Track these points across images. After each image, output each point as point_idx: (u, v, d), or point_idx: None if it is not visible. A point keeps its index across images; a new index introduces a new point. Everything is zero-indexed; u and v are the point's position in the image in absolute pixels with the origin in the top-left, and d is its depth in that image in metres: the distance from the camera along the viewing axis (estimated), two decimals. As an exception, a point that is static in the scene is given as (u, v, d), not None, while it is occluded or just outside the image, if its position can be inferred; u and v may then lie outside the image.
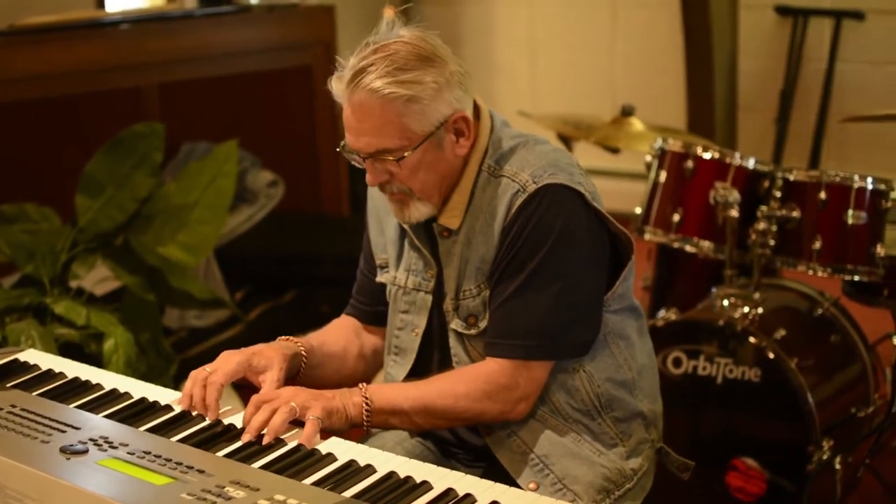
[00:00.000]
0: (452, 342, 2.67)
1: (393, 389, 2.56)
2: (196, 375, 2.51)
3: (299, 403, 2.37)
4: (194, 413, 2.44)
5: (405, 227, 2.71)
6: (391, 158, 2.51)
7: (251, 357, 2.56)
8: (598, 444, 2.65)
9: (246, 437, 2.30)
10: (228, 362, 2.54)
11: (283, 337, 2.72)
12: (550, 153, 2.62)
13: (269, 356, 2.58)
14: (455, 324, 2.65)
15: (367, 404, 2.48)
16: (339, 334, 2.90)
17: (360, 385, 2.52)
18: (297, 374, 2.68)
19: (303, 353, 2.69)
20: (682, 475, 2.81)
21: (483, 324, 2.61)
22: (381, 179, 2.56)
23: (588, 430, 2.65)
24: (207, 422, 2.39)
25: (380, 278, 2.83)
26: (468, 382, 2.56)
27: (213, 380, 2.48)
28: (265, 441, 2.28)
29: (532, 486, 2.61)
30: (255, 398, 2.39)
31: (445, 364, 2.69)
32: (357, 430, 2.46)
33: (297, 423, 2.36)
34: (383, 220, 2.81)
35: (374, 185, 2.58)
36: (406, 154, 2.50)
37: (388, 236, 2.80)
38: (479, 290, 2.61)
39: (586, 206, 2.58)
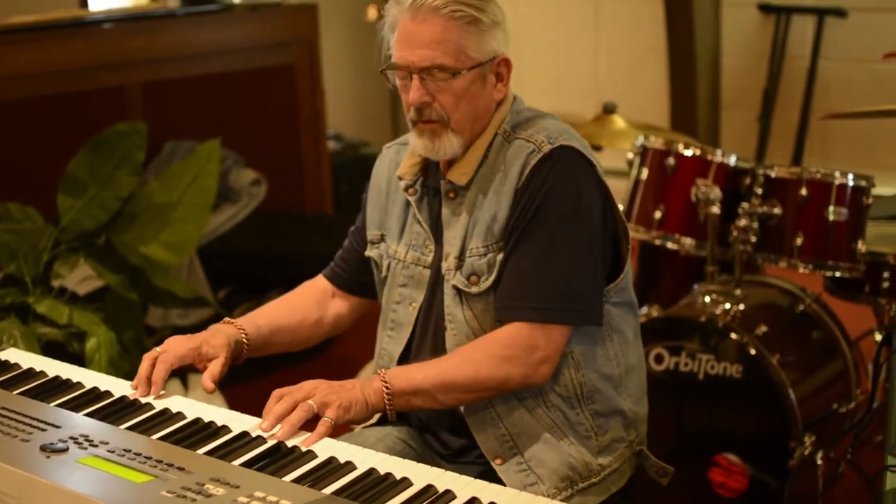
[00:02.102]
0: (448, 301, 2.66)
1: (411, 370, 2.56)
2: (147, 355, 2.59)
3: (318, 401, 2.38)
4: (143, 399, 2.50)
5: (410, 199, 2.73)
6: (442, 76, 2.55)
7: (201, 345, 2.65)
8: (571, 433, 2.65)
9: (265, 426, 2.31)
10: (180, 346, 2.62)
11: (227, 319, 2.79)
12: (565, 126, 2.67)
13: (217, 346, 2.66)
14: (456, 280, 2.64)
15: (386, 388, 2.49)
16: (297, 305, 2.95)
17: (379, 371, 2.53)
18: (240, 356, 2.75)
19: (244, 340, 2.75)
20: (661, 480, 2.80)
21: (485, 284, 2.61)
22: (425, 99, 2.58)
23: (565, 418, 2.64)
24: (188, 419, 2.39)
25: (369, 252, 2.86)
26: (486, 349, 2.55)
27: (162, 358, 2.57)
28: (279, 436, 2.29)
29: (498, 461, 2.62)
30: (277, 391, 2.40)
31: (439, 334, 2.69)
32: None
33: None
34: (390, 196, 2.82)
35: (417, 103, 2.59)
36: (462, 72, 2.55)
37: (391, 212, 2.81)
38: (487, 249, 2.61)
39: (597, 176, 2.61)
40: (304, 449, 2.26)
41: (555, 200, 2.55)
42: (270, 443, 2.29)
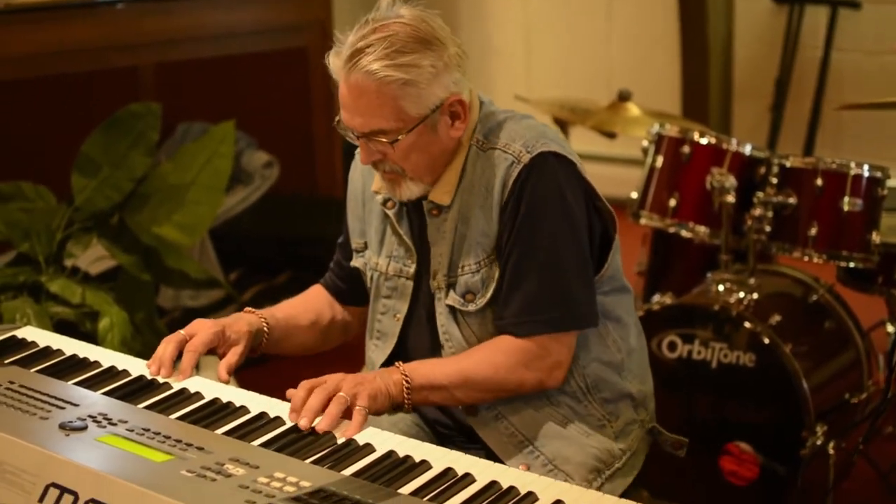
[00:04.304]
0: (443, 320, 2.66)
1: (430, 365, 2.57)
2: (171, 337, 2.57)
3: (348, 392, 2.35)
4: (161, 379, 2.49)
5: (388, 213, 2.71)
6: (385, 140, 2.51)
7: (225, 329, 2.62)
8: (584, 425, 2.66)
9: (304, 423, 2.27)
10: (206, 332, 2.59)
11: (249, 309, 2.77)
12: (538, 125, 2.64)
13: (239, 331, 2.65)
14: (451, 299, 2.64)
15: (407, 382, 2.48)
16: (312, 306, 2.93)
17: (397, 363, 2.53)
18: (259, 345, 2.73)
19: (265, 329, 2.73)
20: (678, 452, 2.80)
21: (482, 301, 2.61)
22: (374, 158, 2.57)
23: (574, 412, 2.66)
24: (206, 399, 2.39)
25: (354, 262, 2.85)
26: (504, 353, 2.56)
27: (191, 347, 2.55)
28: (320, 429, 2.26)
29: (522, 467, 2.60)
30: (305, 383, 2.37)
31: (436, 346, 2.69)
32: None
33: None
34: (366, 205, 2.81)
35: (367, 163, 2.59)
36: (400, 136, 2.50)
37: (369, 222, 2.79)
38: (479, 266, 2.61)
39: (578, 176, 2.60)
40: (340, 438, 2.25)
41: (540, 211, 2.55)
42: (289, 424, 2.28)
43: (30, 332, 2.76)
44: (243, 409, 2.34)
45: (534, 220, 2.55)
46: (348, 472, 2.08)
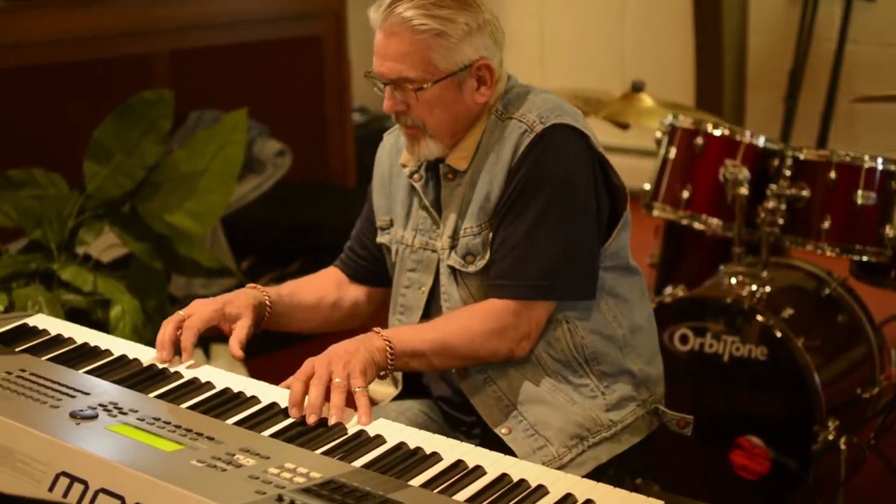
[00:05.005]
0: (444, 279, 2.69)
1: (410, 332, 2.58)
2: (169, 319, 2.59)
3: (342, 375, 2.34)
4: (171, 368, 2.50)
5: (415, 185, 2.74)
6: (410, 88, 2.57)
7: (224, 306, 2.65)
8: (575, 393, 2.66)
9: (312, 420, 2.26)
10: (204, 309, 2.62)
11: (251, 285, 2.79)
12: (556, 99, 2.69)
13: (240, 305, 2.67)
14: (452, 260, 2.67)
15: (390, 348, 2.49)
16: (317, 285, 2.95)
17: (375, 329, 2.53)
18: (262, 321, 2.74)
19: (267, 303, 2.75)
20: (683, 431, 2.79)
21: (481, 263, 2.64)
22: (398, 109, 2.62)
23: (566, 381, 2.66)
24: (216, 389, 2.39)
25: (380, 239, 2.87)
26: (480, 321, 2.58)
27: (189, 324, 2.57)
28: (332, 422, 2.25)
29: (504, 430, 2.63)
30: (296, 376, 2.35)
31: (437, 313, 2.71)
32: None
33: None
34: (393, 182, 2.84)
35: (391, 112, 2.64)
36: (425, 86, 2.57)
37: (396, 198, 2.82)
38: (481, 228, 2.64)
39: (590, 150, 2.62)
40: (351, 429, 2.24)
41: (544, 180, 2.58)
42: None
43: (41, 320, 2.76)
44: (254, 399, 2.34)
45: (532, 189, 2.58)
46: (359, 463, 2.08)
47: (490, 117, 2.66)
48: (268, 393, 2.37)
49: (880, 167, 3.72)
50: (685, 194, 4.01)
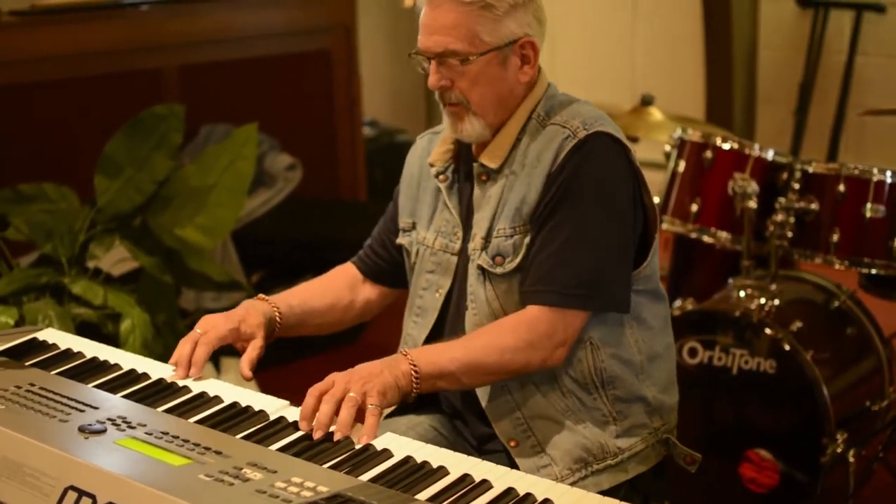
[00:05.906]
0: (472, 280, 2.68)
1: (436, 352, 2.55)
2: (187, 337, 2.61)
3: (357, 391, 2.34)
4: (180, 382, 2.51)
5: (441, 186, 2.75)
6: (456, 60, 2.58)
7: (239, 324, 2.66)
8: (587, 418, 2.65)
9: (318, 435, 2.26)
10: (219, 327, 2.63)
11: (262, 296, 2.81)
12: (599, 111, 2.68)
13: (254, 325, 2.68)
14: (482, 259, 2.65)
15: (415, 372, 2.47)
16: (329, 288, 2.96)
17: (403, 350, 2.52)
18: (272, 335, 2.76)
19: (278, 319, 2.77)
20: (689, 468, 2.78)
21: (510, 265, 2.62)
22: (443, 83, 2.62)
23: (581, 403, 2.64)
24: (225, 403, 2.39)
25: (401, 240, 2.87)
26: (512, 333, 2.55)
27: (205, 340, 2.59)
28: (336, 437, 2.26)
29: (512, 444, 2.63)
30: (312, 390, 2.35)
31: (460, 315, 2.70)
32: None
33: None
34: (421, 185, 2.84)
35: (435, 88, 2.64)
36: (471, 58, 2.57)
37: (422, 200, 2.82)
38: (514, 231, 2.62)
39: (630, 164, 2.62)
40: (357, 444, 2.24)
41: (585, 186, 2.57)
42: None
43: (50, 335, 2.77)
44: (262, 414, 2.35)
45: (573, 194, 2.56)
46: (365, 477, 2.09)
47: (531, 121, 2.66)
48: (276, 407, 2.38)
49: (889, 180, 3.72)
50: (694, 207, 4.02)
